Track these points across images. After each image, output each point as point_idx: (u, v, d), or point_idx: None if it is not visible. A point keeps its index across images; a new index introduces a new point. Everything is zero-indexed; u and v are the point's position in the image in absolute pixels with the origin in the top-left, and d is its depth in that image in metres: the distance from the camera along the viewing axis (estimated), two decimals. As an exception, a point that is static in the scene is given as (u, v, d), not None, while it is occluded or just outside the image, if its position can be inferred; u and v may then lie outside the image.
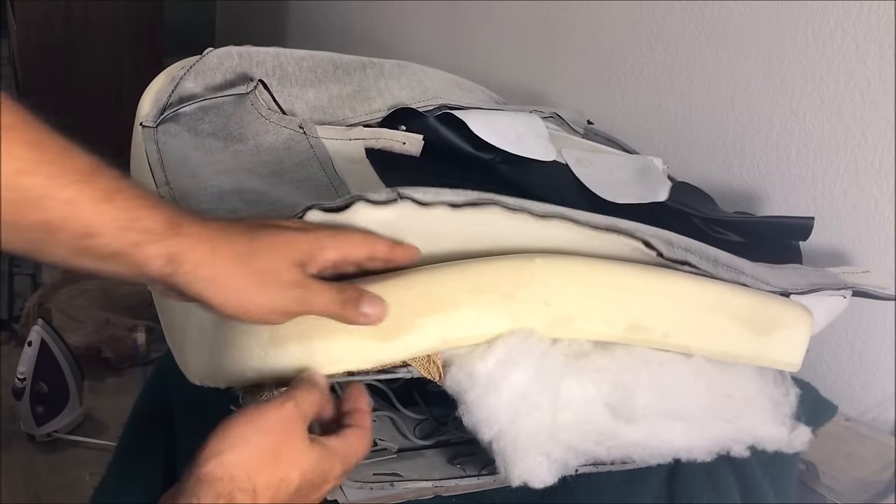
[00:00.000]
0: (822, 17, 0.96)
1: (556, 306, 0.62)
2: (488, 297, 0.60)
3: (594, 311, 0.63)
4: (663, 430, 0.66)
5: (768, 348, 0.69)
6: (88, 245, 0.47)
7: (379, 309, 0.54)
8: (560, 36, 1.37)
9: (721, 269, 0.68)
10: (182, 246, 0.49)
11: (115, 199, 0.47)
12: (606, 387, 0.64)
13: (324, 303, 0.53)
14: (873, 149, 0.92)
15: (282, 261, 0.52)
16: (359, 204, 0.57)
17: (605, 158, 0.94)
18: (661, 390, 0.66)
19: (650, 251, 0.65)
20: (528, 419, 0.60)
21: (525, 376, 0.60)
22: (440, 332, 0.59)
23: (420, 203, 0.58)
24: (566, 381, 0.62)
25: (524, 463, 0.60)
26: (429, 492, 0.65)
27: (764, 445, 0.70)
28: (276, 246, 0.52)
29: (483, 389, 0.59)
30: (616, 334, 0.64)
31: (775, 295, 0.70)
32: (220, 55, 0.84)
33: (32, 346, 1.62)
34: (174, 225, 0.49)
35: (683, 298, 0.66)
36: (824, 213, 0.97)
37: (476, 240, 0.62)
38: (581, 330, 0.63)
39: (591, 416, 0.63)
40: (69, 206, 0.45)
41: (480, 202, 0.59)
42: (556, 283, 0.62)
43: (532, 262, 0.61)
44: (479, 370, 0.60)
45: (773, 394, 0.71)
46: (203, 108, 0.80)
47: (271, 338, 0.56)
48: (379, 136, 0.83)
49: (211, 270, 0.50)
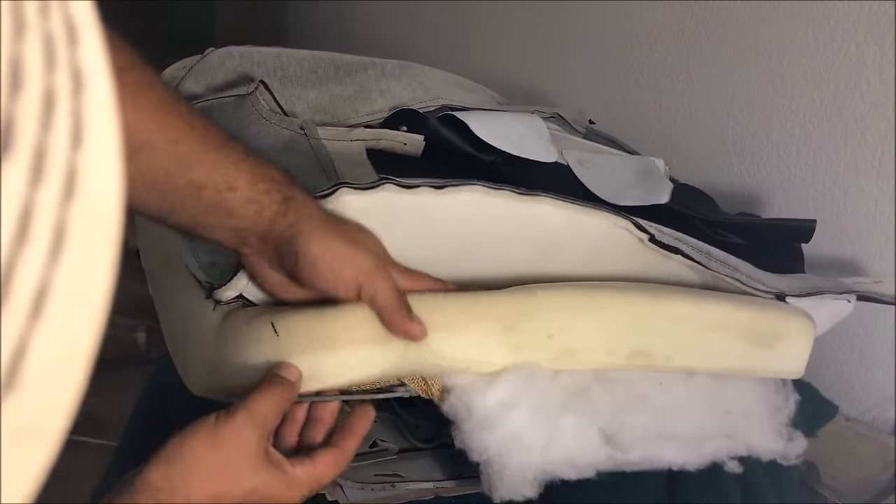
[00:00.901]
0: (822, 17, 0.96)
1: (560, 339, 0.62)
2: (487, 326, 0.60)
3: (597, 342, 0.63)
4: (658, 451, 0.65)
5: (771, 360, 0.69)
6: (226, 197, 0.54)
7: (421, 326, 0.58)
8: (560, 36, 1.36)
9: (714, 263, 0.68)
10: (296, 193, 0.56)
11: (247, 160, 0.55)
12: (604, 421, 0.64)
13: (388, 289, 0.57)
14: (873, 149, 0.92)
15: (369, 239, 0.58)
16: (343, 189, 0.57)
17: (606, 160, 0.94)
18: (659, 413, 0.65)
19: (641, 234, 0.65)
20: (518, 458, 0.60)
21: (522, 418, 0.60)
22: (440, 348, 0.59)
23: (403, 186, 0.58)
24: (563, 419, 0.62)
25: (508, 489, 0.60)
26: (429, 492, 0.65)
27: (759, 456, 0.70)
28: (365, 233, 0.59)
29: (478, 425, 0.59)
30: (619, 363, 0.64)
31: (777, 304, 0.70)
32: (221, 55, 0.84)
33: (32, 346, 1.62)
34: (289, 179, 0.56)
35: (686, 321, 0.65)
36: (824, 213, 0.97)
37: (466, 227, 0.62)
38: (584, 360, 0.63)
39: (584, 448, 0.63)
40: (214, 165, 0.53)
41: (461, 182, 0.60)
42: (558, 317, 0.61)
43: (534, 294, 0.61)
44: (477, 405, 0.60)
45: (772, 400, 0.71)
46: (203, 108, 0.80)
47: (274, 350, 0.56)
48: (380, 137, 0.83)
49: (312, 225, 0.56)
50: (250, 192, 0.54)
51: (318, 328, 0.57)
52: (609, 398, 0.64)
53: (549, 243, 0.65)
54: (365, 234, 0.58)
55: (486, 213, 0.61)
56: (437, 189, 0.59)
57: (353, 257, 0.56)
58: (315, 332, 0.56)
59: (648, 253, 0.66)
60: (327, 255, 0.55)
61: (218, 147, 0.54)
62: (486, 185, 0.60)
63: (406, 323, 0.57)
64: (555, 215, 0.63)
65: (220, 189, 0.53)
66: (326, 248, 0.56)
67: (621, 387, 0.64)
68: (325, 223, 0.56)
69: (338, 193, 0.58)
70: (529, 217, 0.62)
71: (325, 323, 0.57)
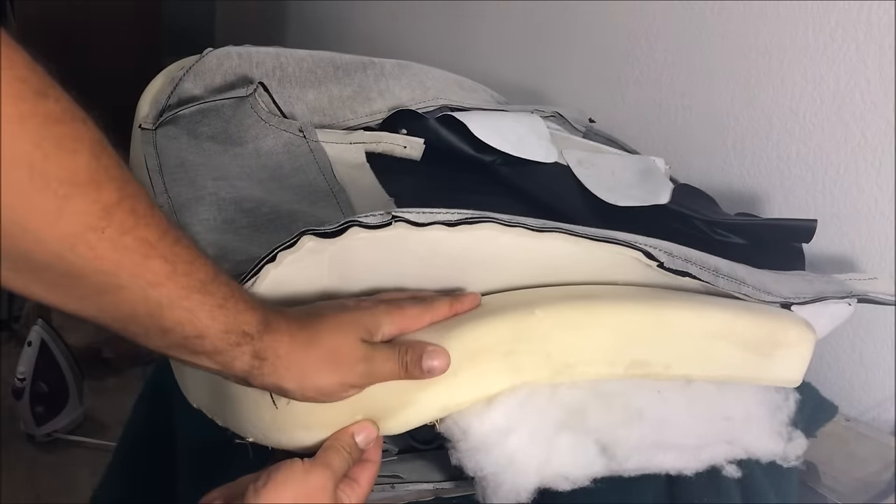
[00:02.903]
0: (822, 17, 0.96)
1: (558, 356, 0.61)
2: (488, 358, 0.59)
3: (596, 355, 0.62)
4: (655, 458, 0.65)
5: (769, 368, 0.68)
6: (193, 344, 0.50)
7: (442, 360, 0.57)
8: (560, 36, 1.36)
9: (722, 280, 0.67)
10: (268, 343, 0.52)
11: (227, 307, 0.50)
12: (601, 437, 0.63)
13: (388, 371, 0.56)
14: (873, 149, 0.92)
15: (347, 339, 0.55)
16: (353, 229, 0.56)
17: (606, 160, 0.94)
18: (657, 421, 0.65)
19: (651, 262, 0.64)
20: (513, 478, 0.60)
21: (519, 442, 0.60)
22: (440, 402, 0.58)
23: (414, 224, 0.57)
24: (559, 439, 0.62)
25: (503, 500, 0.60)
26: (429, 494, 0.65)
27: (759, 459, 0.70)
28: (342, 325, 0.55)
29: (474, 448, 0.59)
30: (618, 373, 0.63)
31: (778, 312, 0.70)
32: (220, 56, 0.84)
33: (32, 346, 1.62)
34: (266, 324, 0.52)
35: (684, 329, 0.65)
36: (824, 213, 0.97)
37: (476, 258, 0.61)
38: (583, 373, 0.62)
39: (579, 461, 0.62)
40: (188, 313, 0.49)
41: (475, 219, 0.58)
42: (557, 335, 0.61)
43: (532, 315, 0.60)
44: (474, 430, 0.59)
45: (772, 400, 0.71)
46: (202, 110, 0.80)
47: (275, 422, 0.56)
48: (379, 140, 0.83)
49: (288, 360, 0.53)
50: (220, 344, 0.51)
51: (318, 413, 0.56)
52: (606, 415, 0.63)
53: (557, 267, 0.64)
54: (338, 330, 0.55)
55: (497, 245, 0.60)
56: (449, 227, 0.58)
57: (338, 378, 0.55)
58: (315, 417, 0.56)
59: (657, 275, 0.66)
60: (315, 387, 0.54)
61: (197, 290, 0.49)
62: (499, 221, 0.59)
63: (424, 374, 0.56)
64: (566, 248, 0.62)
65: (187, 335, 0.50)
66: (309, 384, 0.54)
67: (619, 401, 0.64)
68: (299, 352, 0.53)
69: (349, 232, 0.56)
70: (541, 248, 0.62)
71: (324, 410, 0.56)
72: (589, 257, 0.63)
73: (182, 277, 0.48)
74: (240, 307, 0.51)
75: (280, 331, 0.53)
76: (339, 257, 0.57)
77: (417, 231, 0.57)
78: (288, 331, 0.53)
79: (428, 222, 0.57)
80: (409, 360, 0.56)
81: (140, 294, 0.47)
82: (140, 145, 0.76)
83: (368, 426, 0.57)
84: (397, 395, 0.57)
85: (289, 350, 0.53)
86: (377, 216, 0.56)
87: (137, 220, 0.46)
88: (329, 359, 0.54)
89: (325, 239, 0.56)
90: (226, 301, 0.50)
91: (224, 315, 0.50)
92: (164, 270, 0.47)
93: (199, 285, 0.49)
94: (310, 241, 0.56)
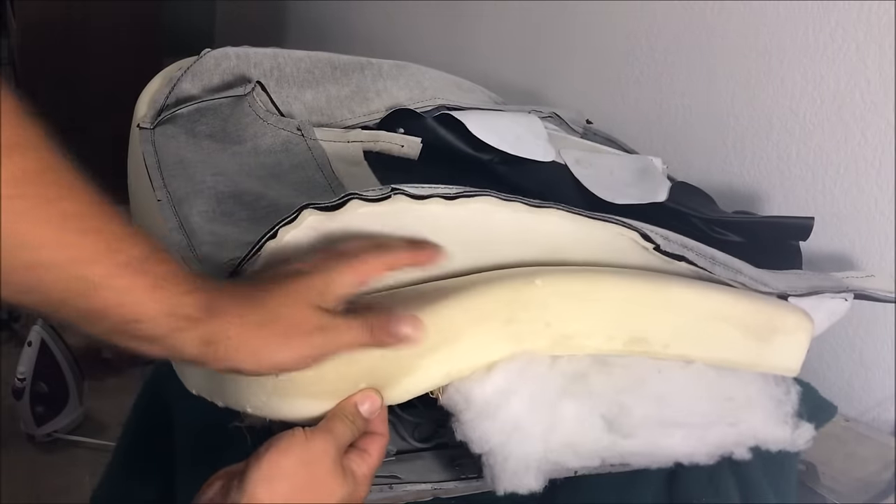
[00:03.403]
0: (822, 17, 0.96)
1: (557, 326, 0.61)
2: (489, 324, 0.59)
3: (595, 328, 0.62)
4: (662, 439, 0.65)
5: (768, 354, 0.69)
6: (132, 329, 0.48)
7: (415, 328, 0.54)
8: (560, 36, 1.36)
9: (719, 268, 0.68)
10: (216, 327, 0.50)
11: (164, 287, 0.48)
12: (604, 406, 0.63)
13: (351, 338, 0.53)
14: (873, 149, 0.92)
15: (299, 310, 0.52)
16: (353, 202, 0.57)
17: (604, 159, 0.94)
18: (659, 399, 0.65)
19: (647, 243, 0.65)
20: (519, 446, 0.60)
21: (521, 405, 0.60)
22: (442, 370, 0.58)
23: (414, 197, 0.57)
24: (562, 405, 0.62)
25: (512, 479, 0.60)
26: (427, 494, 0.65)
27: (767, 446, 0.70)
28: (290, 296, 0.52)
29: (478, 415, 0.59)
30: (616, 348, 0.63)
31: (776, 300, 0.70)
32: (217, 56, 0.84)
33: (32, 346, 1.62)
34: (210, 308, 0.50)
35: (684, 309, 0.65)
36: (824, 213, 0.97)
37: (474, 234, 0.61)
38: (582, 346, 0.63)
39: (585, 433, 0.63)
40: (121, 294, 0.46)
41: (473, 193, 0.59)
42: (556, 304, 0.61)
43: (532, 283, 0.60)
44: (476, 396, 0.59)
45: (774, 393, 0.71)
46: (200, 109, 0.80)
47: (275, 389, 0.56)
48: (377, 139, 0.83)
49: (239, 341, 0.50)
50: (161, 328, 0.48)
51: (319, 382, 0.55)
52: (608, 381, 0.64)
53: (555, 246, 0.64)
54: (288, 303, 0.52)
55: (494, 220, 0.61)
56: (448, 199, 0.58)
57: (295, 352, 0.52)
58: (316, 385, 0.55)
59: (654, 258, 0.66)
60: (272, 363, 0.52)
61: (130, 269, 0.46)
62: (497, 195, 0.60)
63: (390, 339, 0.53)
64: (564, 225, 0.62)
65: (125, 319, 0.47)
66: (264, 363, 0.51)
67: (620, 370, 0.64)
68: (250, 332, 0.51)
69: (350, 205, 0.56)
70: (538, 225, 0.62)
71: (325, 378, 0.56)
72: (586, 236, 0.63)
73: (113, 254, 0.46)
74: (180, 289, 0.48)
75: (228, 312, 0.50)
76: (338, 235, 0.57)
77: (416, 205, 0.57)
78: (237, 311, 0.51)
79: (427, 195, 0.58)
80: (376, 324, 0.53)
81: (67, 271, 0.44)
82: (138, 144, 0.77)
83: (372, 395, 0.56)
84: (398, 362, 0.56)
85: (239, 331, 0.50)
86: (377, 190, 0.57)
87: (61, 191, 0.44)
88: (283, 333, 0.51)
89: (325, 213, 0.56)
90: (163, 282, 0.47)
91: (162, 296, 0.47)
92: (93, 246, 0.45)
93: (132, 264, 0.46)
94: (311, 215, 0.56)
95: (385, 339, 0.53)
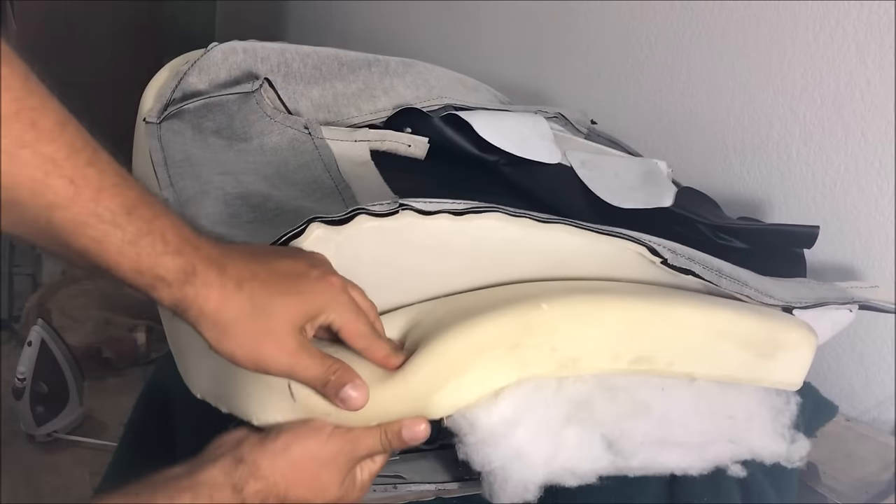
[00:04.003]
0: (823, 17, 0.96)
1: (563, 350, 0.61)
2: (495, 352, 0.58)
3: (601, 349, 0.62)
4: (660, 456, 0.65)
5: (771, 370, 0.68)
6: (107, 273, 0.48)
7: (362, 395, 0.53)
8: (561, 36, 1.36)
9: (725, 280, 0.67)
10: (191, 293, 0.49)
11: (138, 244, 0.47)
12: (606, 430, 0.63)
13: (308, 378, 0.53)
14: (873, 149, 0.92)
15: (283, 325, 0.52)
16: (361, 216, 0.56)
17: (609, 161, 0.94)
18: (661, 418, 0.65)
19: (655, 258, 0.64)
20: (520, 472, 0.59)
21: (526, 434, 0.60)
22: (451, 403, 0.57)
23: (421, 213, 0.57)
24: (566, 432, 0.61)
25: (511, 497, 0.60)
26: (431, 494, 0.65)
27: (763, 460, 0.70)
28: (284, 308, 0.52)
29: (482, 441, 0.59)
30: (622, 367, 0.63)
31: (780, 314, 0.70)
32: (225, 50, 0.84)
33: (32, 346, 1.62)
34: (189, 273, 0.49)
35: (689, 327, 0.65)
36: (824, 214, 0.97)
37: (482, 250, 0.61)
38: (588, 367, 0.62)
39: (586, 455, 0.62)
40: (93, 243, 0.46)
41: (481, 209, 0.59)
42: (562, 327, 0.60)
43: (537, 308, 0.59)
44: (481, 423, 0.59)
45: (774, 403, 0.71)
46: (207, 105, 0.80)
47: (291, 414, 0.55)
48: (384, 139, 0.83)
49: (214, 318, 0.50)
50: (134, 282, 0.48)
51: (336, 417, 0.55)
52: (612, 407, 0.63)
53: (563, 261, 0.64)
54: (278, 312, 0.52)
55: (502, 236, 0.60)
56: (456, 215, 0.58)
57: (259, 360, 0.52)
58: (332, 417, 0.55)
59: (661, 272, 0.66)
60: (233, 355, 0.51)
61: (105, 220, 0.46)
62: (505, 211, 0.59)
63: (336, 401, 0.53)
64: (571, 241, 0.62)
65: (99, 266, 0.47)
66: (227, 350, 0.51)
67: (624, 395, 0.64)
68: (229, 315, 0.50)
69: (357, 220, 0.56)
70: (546, 240, 0.62)
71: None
72: (593, 251, 0.63)
73: (88, 204, 0.45)
74: (157, 248, 0.48)
75: (210, 285, 0.50)
76: (345, 249, 0.57)
77: (424, 221, 0.57)
78: (221, 288, 0.50)
79: (435, 210, 0.57)
80: (334, 380, 0.53)
81: (42, 215, 0.44)
82: (144, 139, 0.76)
83: (421, 425, 0.56)
84: (413, 403, 0.56)
85: (216, 308, 0.50)
86: (385, 205, 0.56)
87: (39, 134, 0.43)
88: (257, 339, 0.51)
89: (333, 227, 0.56)
90: (139, 238, 0.47)
91: (135, 253, 0.47)
92: (67, 192, 0.44)
93: (108, 216, 0.46)
94: (318, 228, 0.56)
95: (332, 395, 0.54)
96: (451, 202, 0.58)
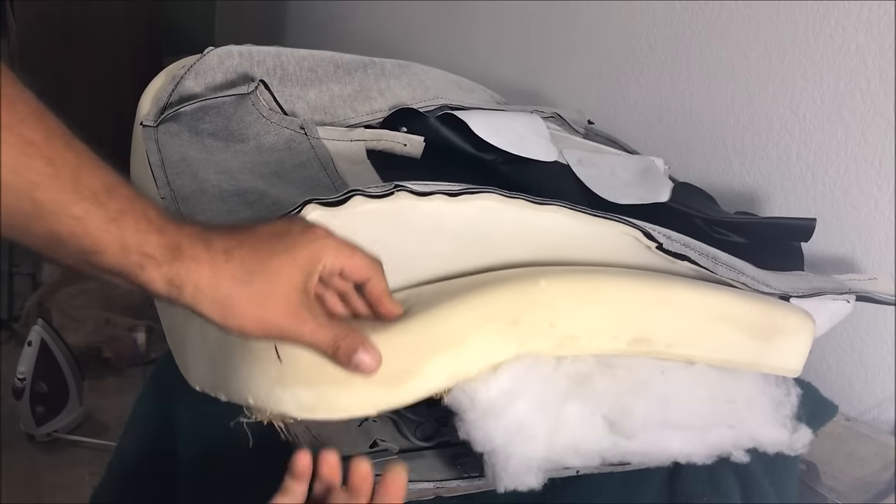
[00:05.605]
0: (823, 17, 0.96)
1: (562, 327, 0.61)
2: (494, 325, 0.59)
3: (599, 328, 0.62)
4: (663, 440, 0.65)
5: (770, 355, 0.69)
6: (93, 260, 0.48)
7: (375, 359, 0.53)
8: (560, 36, 1.37)
9: (721, 268, 0.68)
10: (182, 270, 0.49)
11: (122, 221, 0.48)
12: (607, 408, 0.63)
13: (316, 342, 0.53)
14: (873, 149, 0.92)
15: (282, 287, 0.52)
16: (357, 198, 0.57)
17: (606, 159, 0.94)
18: (662, 400, 0.65)
19: (650, 242, 0.65)
20: (522, 447, 0.60)
21: (526, 407, 0.60)
22: (448, 371, 0.58)
23: (417, 194, 0.57)
24: (566, 407, 0.62)
25: (513, 478, 0.60)
26: (430, 493, 0.65)
27: (765, 448, 0.70)
28: (278, 269, 0.52)
29: (482, 415, 0.59)
30: (620, 348, 0.64)
31: (778, 300, 0.70)
32: (221, 54, 0.84)
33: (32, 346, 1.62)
34: (175, 250, 0.49)
35: (687, 309, 0.65)
36: (824, 213, 0.97)
37: (478, 233, 0.61)
38: (586, 346, 0.63)
39: (588, 435, 0.63)
40: (77, 223, 0.46)
41: (476, 190, 0.59)
42: (561, 304, 0.61)
43: (536, 284, 0.60)
44: (481, 396, 0.59)
45: (774, 394, 0.71)
46: (204, 107, 0.80)
47: (279, 377, 0.55)
48: (380, 138, 0.83)
49: (212, 293, 0.50)
50: (121, 262, 0.48)
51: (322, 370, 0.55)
52: (611, 383, 0.64)
53: (557, 245, 0.64)
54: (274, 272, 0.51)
55: (498, 218, 0.61)
56: (451, 196, 0.58)
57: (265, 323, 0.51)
58: (319, 370, 0.55)
59: (656, 258, 0.66)
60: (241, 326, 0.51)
61: (86, 198, 0.46)
62: (500, 192, 0.60)
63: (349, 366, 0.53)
64: (566, 223, 0.62)
65: (84, 249, 0.47)
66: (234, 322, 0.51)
67: (623, 372, 0.64)
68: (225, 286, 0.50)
69: (353, 201, 0.56)
70: (541, 223, 0.62)
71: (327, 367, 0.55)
72: (588, 234, 0.63)
73: (68, 182, 0.46)
74: (140, 226, 0.48)
75: (199, 260, 0.50)
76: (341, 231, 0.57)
77: (419, 202, 0.57)
78: (210, 261, 0.50)
79: (430, 192, 0.58)
80: (344, 346, 0.53)
81: (25, 196, 0.45)
82: (141, 142, 0.77)
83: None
84: (404, 362, 0.56)
85: (211, 283, 0.50)
86: (380, 187, 0.57)
87: (19, 118, 0.45)
88: (259, 301, 0.51)
89: (329, 209, 0.56)
90: (121, 215, 0.47)
91: (118, 230, 0.47)
92: (47, 172, 0.46)
93: (88, 194, 0.47)
94: (314, 210, 0.56)
95: (344, 361, 0.53)
96: (447, 184, 0.58)
